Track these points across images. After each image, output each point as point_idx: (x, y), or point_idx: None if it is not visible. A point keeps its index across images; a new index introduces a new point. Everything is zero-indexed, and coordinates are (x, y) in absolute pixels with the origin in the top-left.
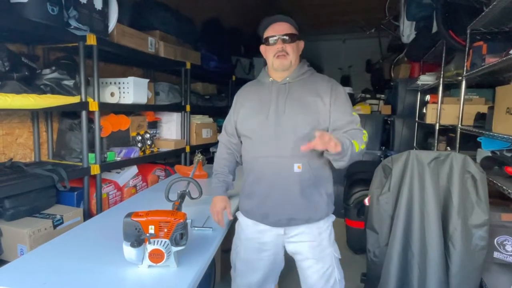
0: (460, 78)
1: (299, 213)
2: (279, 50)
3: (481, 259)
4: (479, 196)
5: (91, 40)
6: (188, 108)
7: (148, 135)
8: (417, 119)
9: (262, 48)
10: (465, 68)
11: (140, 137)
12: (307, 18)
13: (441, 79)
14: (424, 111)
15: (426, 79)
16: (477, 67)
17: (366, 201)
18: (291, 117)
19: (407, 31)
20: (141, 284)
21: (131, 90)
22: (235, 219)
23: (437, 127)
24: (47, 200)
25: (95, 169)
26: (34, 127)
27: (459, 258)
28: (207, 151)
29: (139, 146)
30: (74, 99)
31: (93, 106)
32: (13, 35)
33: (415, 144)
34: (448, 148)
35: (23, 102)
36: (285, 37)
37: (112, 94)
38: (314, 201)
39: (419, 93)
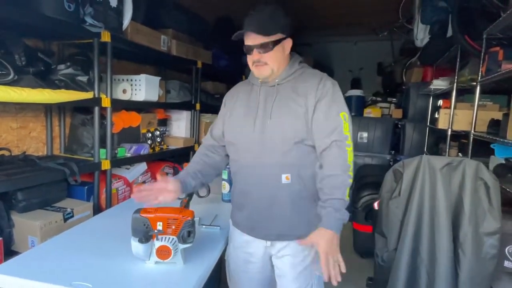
0: (474, 83)
1: (290, 229)
2: (255, 60)
3: (492, 267)
4: (491, 204)
5: (106, 37)
6: (198, 106)
7: (158, 132)
8: (428, 123)
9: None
10: (480, 73)
11: (150, 134)
12: (319, 19)
13: (455, 84)
14: (436, 116)
15: (439, 84)
16: (493, 73)
17: (376, 205)
18: (278, 123)
19: (421, 34)
20: (148, 280)
21: (143, 87)
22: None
23: (449, 133)
24: (58, 193)
25: (106, 165)
26: (47, 121)
27: (469, 266)
28: None
29: (149, 143)
30: (88, 95)
31: (106, 102)
32: (30, 31)
33: (425, 149)
34: (460, 154)
35: (38, 96)
36: (260, 47)
37: (124, 91)
38: (308, 215)
39: (431, 98)
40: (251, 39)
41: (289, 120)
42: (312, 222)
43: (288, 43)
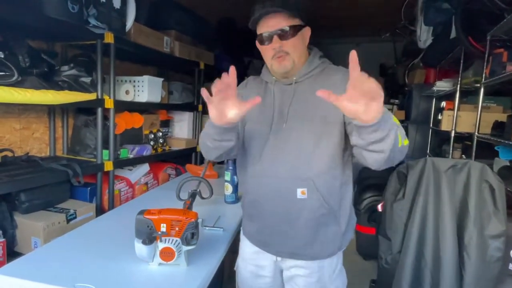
0: (478, 85)
1: (305, 248)
2: (276, 50)
3: (496, 270)
4: (496, 206)
5: (109, 38)
6: (200, 108)
7: (160, 134)
8: (431, 125)
9: (258, 44)
10: (484, 75)
11: (152, 135)
12: (321, 20)
13: (458, 86)
14: (439, 117)
15: (442, 85)
16: (497, 74)
17: (379, 207)
18: (294, 128)
19: (424, 36)
20: (151, 282)
21: (145, 88)
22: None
23: (452, 134)
24: (61, 194)
25: (109, 166)
26: (50, 122)
27: (474, 269)
28: None
29: (152, 144)
30: (91, 96)
31: (109, 104)
32: (33, 32)
33: (428, 151)
34: (463, 156)
35: (42, 97)
36: (281, 32)
37: (127, 92)
38: (327, 234)
39: (434, 99)
40: (270, 24)
41: (308, 125)
42: (331, 240)
43: (307, 33)
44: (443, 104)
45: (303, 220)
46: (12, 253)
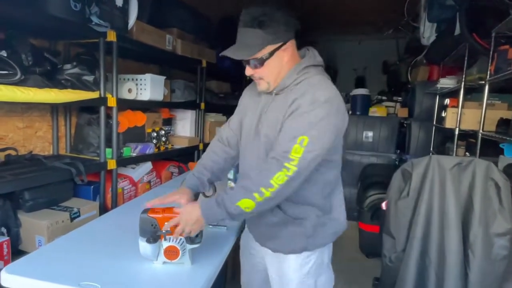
0: (482, 82)
1: (269, 241)
2: (249, 75)
3: (502, 268)
4: (502, 204)
5: (111, 36)
6: (202, 106)
7: (163, 132)
8: (434, 123)
9: None
10: (488, 72)
11: (155, 134)
12: (324, 17)
13: (463, 83)
14: (443, 115)
15: (446, 83)
16: (502, 71)
17: (383, 205)
18: (260, 137)
19: (428, 33)
20: (156, 280)
21: (148, 86)
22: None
23: (456, 132)
24: (65, 193)
25: (112, 164)
26: (53, 121)
27: (479, 267)
28: None
29: (154, 142)
30: (94, 95)
31: (112, 102)
32: (36, 30)
33: (431, 149)
34: (467, 153)
35: (45, 96)
36: (251, 64)
37: (129, 90)
38: (287, 233)
39: (437, 97)
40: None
41: (264, 139)
42: (290, 239)
43: (287, 50)
44: (447, 101)
45: (263, 218)
46: (16, 252)
